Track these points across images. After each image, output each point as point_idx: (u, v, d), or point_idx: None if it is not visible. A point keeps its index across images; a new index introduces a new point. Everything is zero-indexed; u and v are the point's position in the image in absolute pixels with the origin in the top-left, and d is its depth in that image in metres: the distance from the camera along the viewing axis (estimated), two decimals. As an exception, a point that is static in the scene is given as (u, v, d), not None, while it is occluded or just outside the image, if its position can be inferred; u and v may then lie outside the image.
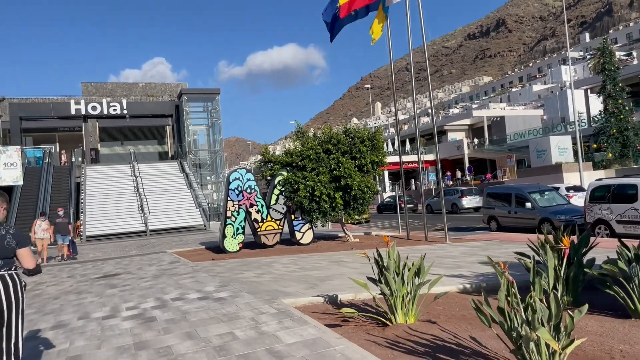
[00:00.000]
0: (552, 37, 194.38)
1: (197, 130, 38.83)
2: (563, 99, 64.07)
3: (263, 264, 11.23)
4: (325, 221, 15.74)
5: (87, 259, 16.60)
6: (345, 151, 15.57)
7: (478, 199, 32.16)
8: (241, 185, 15.48)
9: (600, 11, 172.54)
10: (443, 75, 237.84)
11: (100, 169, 34.80)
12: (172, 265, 12.65)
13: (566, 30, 33.55)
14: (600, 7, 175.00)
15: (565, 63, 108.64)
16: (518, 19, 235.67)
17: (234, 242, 15.29)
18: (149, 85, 47.23)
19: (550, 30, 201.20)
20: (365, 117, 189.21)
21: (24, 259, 3.95)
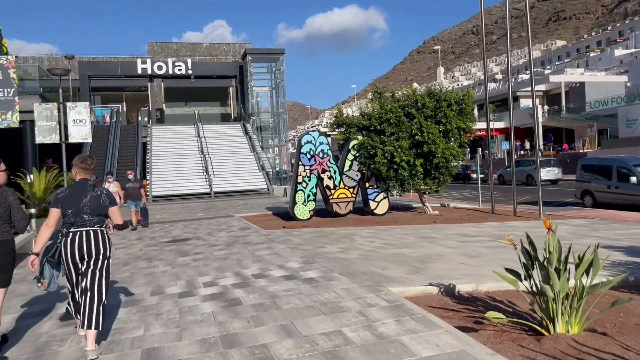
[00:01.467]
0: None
1: (260, 92, 38.03)
2: (652, 64, 58.50)
3: (342, 237, 10.20)
4: (403, 190, 14.48)
5: (155, 220, 16.23)
6: (428, 115, 14.11)
7: (556, 170, 29.76)
8: (313, 149, 14.42)
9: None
10: (512, 39, 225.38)
11: (166, 129, 34.84)
12: (244, 232, 11.88)
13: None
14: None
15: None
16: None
17: (304, 209, 14.36)
18: (212, 45, 46.75)
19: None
20: (426, 83, 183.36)
21: (115, 216, 4.39)
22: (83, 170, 4.39)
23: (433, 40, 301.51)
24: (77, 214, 4.19)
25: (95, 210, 4.25)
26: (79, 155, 4.52)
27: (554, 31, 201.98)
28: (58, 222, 4.26)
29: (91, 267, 4.18)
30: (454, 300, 5.20)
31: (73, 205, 4.20)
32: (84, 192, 4.27)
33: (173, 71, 36.78)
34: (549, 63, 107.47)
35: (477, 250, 8.04)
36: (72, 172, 4.46)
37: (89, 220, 4.22)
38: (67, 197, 4.24)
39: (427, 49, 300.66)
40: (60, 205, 4.21)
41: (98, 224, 4.28)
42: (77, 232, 4.19)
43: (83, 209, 4.21)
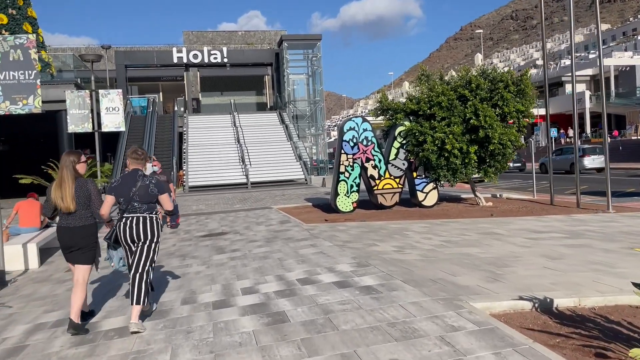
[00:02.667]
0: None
1: (296, 80, 37.11)
2: None
3: (393, 232, 9.16)
4: (455, 180, 13.30)
5: (191, 211, 15.57)
6: (484, 97, 12.85)
7: (602, 158, 27.74)
8: (356, 136, 13.38)
9: None
10: (553, 24, 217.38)
11: (202, 118, 34.40)
12: (283, 225, 10.99)
13: None
14: None
15: None
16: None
17: (347, 201, 13.37)
18: (247, 33, 46.07)
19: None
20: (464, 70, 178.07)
21: (164, 203, 4.74)
22: (135, 160, 4.78)
23: (470, 26, 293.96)
24: (128, 201, 4.60)
25: (144, 198, 4.61)
26: (131, 147, 4.94)
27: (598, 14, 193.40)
28: None
29: (139, 249, 4.59)
30: (555, 319, 4.12)
31: (124, 194, 4.60)
32: (133, 182, 4.63)
33: (209, 60, 36.29)
34: (593, 47, 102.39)
35: (556, 250, 6.88)
36: (127, 163, 4.82)
37: (139, 208, 4.61)
38: (120, 186, 4.65)
39: (464, 35, 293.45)
40: (114, 193, 4.64)
41: (148, 211, 4.66)
42: (129, 217, 4.62)
43: (133, 197, 4.59)
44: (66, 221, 4.67)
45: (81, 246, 4.67)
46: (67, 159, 4.73)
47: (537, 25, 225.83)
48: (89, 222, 4.72)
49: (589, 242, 7.52)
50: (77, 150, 5.06)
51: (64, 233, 4.67)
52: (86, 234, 4.69)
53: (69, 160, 4.72)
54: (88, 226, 4.71)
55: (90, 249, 4.73)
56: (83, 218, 4.68)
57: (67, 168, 4.67)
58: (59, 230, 4.72)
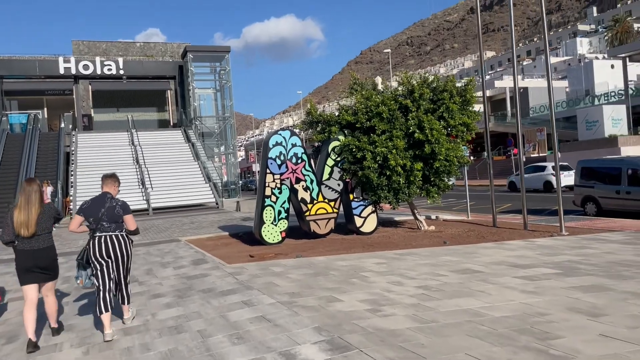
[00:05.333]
0: (557, 11, 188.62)
1: (203, 95, 34.26)
2: (588, 70, 59.84)
3: (347, 274, 7.09)
4: (397, 202, 11.60)
5: (75, 248, 12.44)
6: (427, 109, 11.33)
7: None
8: (284, 152, 11.27)
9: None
10: (445, 50, 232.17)
11: (94, 136, 30.41)
12: (199, 267, 8.50)
13: None
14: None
15: (575, 36, 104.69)
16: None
17: (275, 230, 11.15)
18: (147, 45, 42.37)
19: (556, 4, 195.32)
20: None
21: (128, 223, 5.15)
22: (106, 184, 5.26)
23: (370, 50, 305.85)
24: (97, 221, 4.99)
25: (112, 218, 5.02)
26: (105, 173, 5.45)
27: (484, 42, 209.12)
28: None
29: (118, 265, 5.09)
30: None
31: (93, 214, 5.00)
32: (102, 203, 5.05)
33: (102, 71, 32.46)
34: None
35: (579, 299, 5.19)
36: (102, 185, 5.27)
37: (108, 227, 5.01)
38: (89, 208, 5.05)
39: (364, 59, 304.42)
40: (83, 214, 5.04)
41: (117, 230, 5.08)
42: (101, 236, 5.00)
43: (102, 217, 4.99)
44: (29, 244, 4.86)
45: (47, 266, 4.96)
46: (33, 186, 4.99)
47: (431, 51, 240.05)
48: (51, 244, 5.06)
49: (600, 281, 5.96)
50: (35, 178, 5.48)
51: (31, 256, 4.85)
52: (52, 253, 5.05)
53: (36, 186, 5.01)
54: (51, 247, 5.05)
55: (56, 267, 5.12)
56: (46, 240, 4.97)
57: (36, 193, 4.95)
58: (21, 253, 4.86)
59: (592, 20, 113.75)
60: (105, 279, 4.98)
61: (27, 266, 4.85)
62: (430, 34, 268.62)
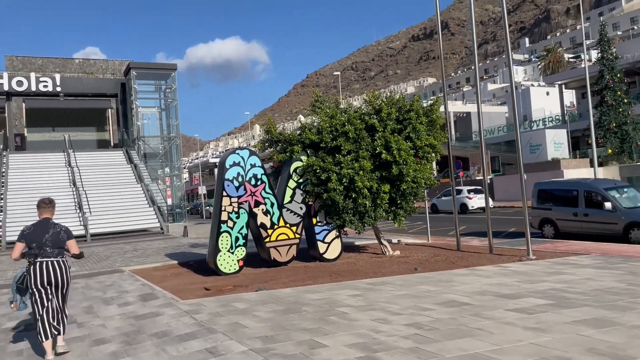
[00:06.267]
0: (493, 41, 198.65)
1: (147, 114, 32.73)
2: (526, 96, 62.75)
3: (322, 310, 6.30)
4: (363, 226, 10.96)
5: (3, 281, 10.92)
6: (394, 129, 10.85)
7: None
8: (242, 173, 10.42)
9: (539, 17, 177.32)
10: (388, 76, 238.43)
11: (27, 157, 28.19)
12: (148, 304, 7.44)
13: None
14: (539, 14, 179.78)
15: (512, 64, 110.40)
16: (460, 23, 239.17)
17: (232, 258, 10.20)
18: (86, 62, 40.29)
19: (491, 35, 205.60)
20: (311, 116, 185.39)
21: (72, 247, 5.26)
22: (43, 209, 5.25)
23: (316, 74, 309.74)
24: (40, 247, 4.98)
25: (56, 244, 5.08)
26: (40, 199, 5.40)
27: (425, 69, 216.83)
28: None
29: (57, 291, 5.09)
30: None
31: (37, 240, 5.00)
32: (46, 229, 5.08)
33: (37, 88, 30.37)
34: (424, 97, 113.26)
35: (592, 337, 4.67)
36: (38, 213, 5.26)
37: (51, 252, 5.03)
38: (32, 233, 5.05)
39: (310, 82, 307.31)
40: (25, 240, 5.03)
41: (60, 255, 5.12)
42: (44, 261, 4.99)
43: (45, 243, 5.00)
44: None
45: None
46: None
47: (375, 77, 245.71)
48: None
49: (601, 314, 5.50)
50: None
51: None
52: None
53: None
54: None
55: None
56: None
57: None
58: None
59: (525, 50, 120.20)
60: (45, 305, 5.04)
61: None
62: (374, 60, 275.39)
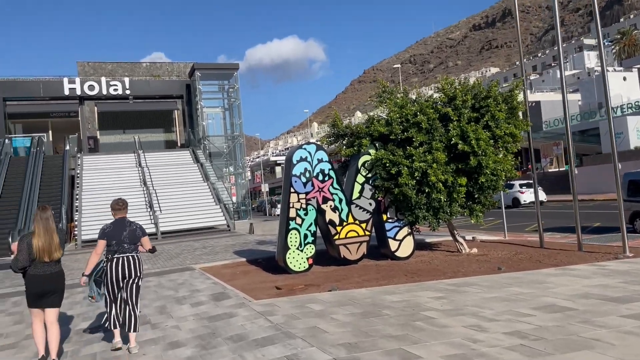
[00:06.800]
0: (561, 26, 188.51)
1: (211, 114, 33.29)
2: (600, 83, 58.59)
3: (405, 314, 5.81)
4: (438, 223, 10.33)
5: (75, 280, 11.18)
6: (470, 118, 10.13)
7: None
8: (309, 169, 10.07)
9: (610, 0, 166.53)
10: (448, 67, 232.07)
11: (99, 158, 29.38)
12: (220, 304, 7.23)
13: None
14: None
15: (581, 50, 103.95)
16: (524, 9, 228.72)
17: (301, 256, 9.90)
18: (153, 65, 41.65)
19: (559, 20, 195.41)
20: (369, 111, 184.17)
21: (146, 244, 5.68)
22: (118, 210, 5.67)
23: (373, 69, 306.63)
24: (119, 243, 5.42)
25: (132, 240, 5.51)
26: (113, 200, 5.83)
27: (488, 59, 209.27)
28: None
29: (131, 285, 5.45)
30: None
31: (116, 237, 5.42)
32: (123, 227, 5.52)
33: (108, 91, 31.58)
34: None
35: None
36: (112, 214, 5.67)
37: (128, 248, 5.46)
38: (112, 232, 5.46)
39: (367, 78, 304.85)
40: (106, 238, 5.42)
41: (135, 251, 5.55)
42: (120, 257, 5.41)
43: (123, 240, 5.44)
44: (42, 269, 5.08)
45: (57, 290, 5.19)
46: (48, 212, 5.27)
47: (434, 69, 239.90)
48: (61, 269, 5.33)
49: None
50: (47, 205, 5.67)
51: (45, 280, 5.06)
52: (63, 278, 5.30)
53: (50, 212, 5.30)
54: (62, 271, 5.34)
55: (62, 293, 5.31)
56: (59, 265, 5.27)
57: (52, 219, 5.26)
58: (34, 278, 5.05)
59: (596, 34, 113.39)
60: (118, 297, 5.44)
61: (37, 291, 5.06)
62: (433, 52, 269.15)
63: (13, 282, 11.14)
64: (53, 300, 5.13)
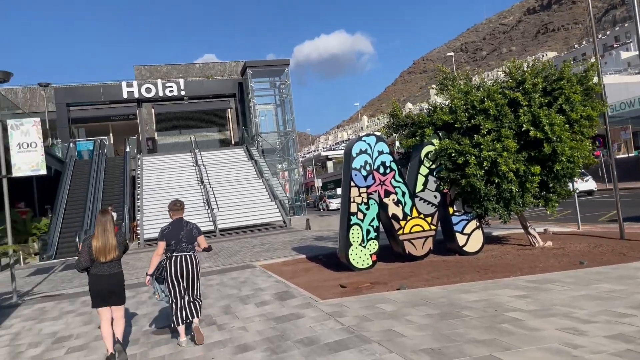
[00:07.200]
0: (621, 5, 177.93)
1: (263, 110, 33.43)
2: (671, 63, 54.82)
3: (488, 314, 5.35)
4: (509, 215, 9.71)
5: (140, 279, 11.31)
6: (542, 102, 9.42)
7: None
8: (370, 161, 9.69)
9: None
10: (502, 54, 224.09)
11: (158, 158, 30.12)
12: (286, 304, 7.00)
13: None
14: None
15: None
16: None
17: (364, 253, 9.55)
18: (206, 65, 42.46)
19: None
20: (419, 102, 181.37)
21: (202, 242, 5.89)
22: (175, 211, 5.91)
23: (423, 60, 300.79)
24: (178, 243, 5.66)
25: (189, 240, 5.74)
26: (171, 201, 6.12)
27: (544, 43, 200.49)
28: None
29: (190, 281, 5.69)
30: None
31: (175, 237, 5.66)
32: (181, 227, 5.74)
33: (164, 93, 32.30)
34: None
35: None
36: (170, 214, 5.92)
37: (186, 247, 5.70)
38: (170, 232, 5.70)
39: (417, 69, 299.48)
40: (165, 239, 5.67)
41: (192, 250, 5.78)
42: (179, 256, 5.66)
43: (181, 239, 5.68)
44: (102, 270, 5.36)
45: (119, 289, 5.46)
46: (107, 216, 5.53)
47: (487, 56, 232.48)
48: (121, 269, 5.55)
49: None
50: (107, 209, 6.08)
51: (105, 280, 5.35)
52: (122, 278, 5.54)
53: (109, 216, 5.56)
54: (122, 272, 5.57)
55: (124, 291, 5.56)
56: (118, 265, 5.50)
57: (110, 222, 5.48)
58: (98, 278, 5.33)
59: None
60: (180, 294, 5.66)
61: (99, 289, 5.32)
62: (485, 39, 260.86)
63: (81, 282, 11.41)
64: (115, 299, 5.43)
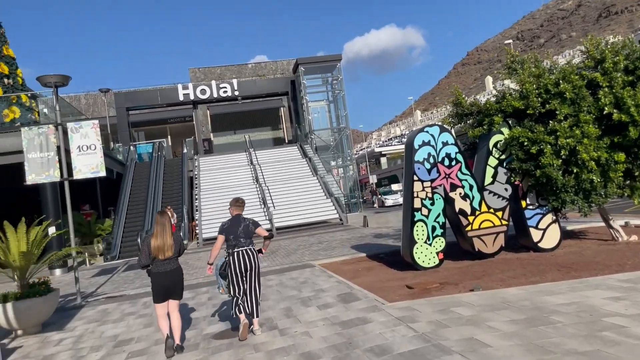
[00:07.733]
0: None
1: (316, 108, 33.15)
2: None
3: (584, 320, 4.71)
4: (590, 207, 8.85)
5: (202, 277, 11.21)
6: (625, 82, 8.52)
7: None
8: (434, 153, 9.09)
9: None
10: (562, 40, 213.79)
11: (214, 158, 30.47)
12: (350, 307, 6.57)
13: None
14: None
15: None
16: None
17: (429, 251, 8.97)
18: (258, 65, 42.72)
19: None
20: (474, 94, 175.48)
21: (261, 232, 6.14)
22: (237, 207, 6.20)
23: (477, 51, 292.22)
24: (236, 238, 5.95)
25: (247, 235, 6.01)
26: (233, 198, 6.36)
27: (606, 27, 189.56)
28: None
29: (250, 275, 5.98)
30: None
31: (233, 233, 5.96)
32: (239, 223, 6.04)
33: (218, 94, 32.63)
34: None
35: None
36: (230, 210, 6.20)
37: (244, 242, 5.98)
38: (229, 228, 6.01)
39: (471, 60, 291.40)
40: (225, 233, 5.99)
41: (250, 245, 6.05)
42: (239, 251, 5.96)
43: (239, 235, 5.96)
44: (162, 267, 5.73)
45: (178, 285, 5.83)
46: (165, 217, 5.85)
47: (545, 44, 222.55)
48: (179, 266, 5.89)
49: None
50: (165, 210, 6.74)
51: (165, 277, 5.71)
52: (181, 274, 5.92)
53: (167, 217, 5.87)
54: (180, 268, 5.92)
55: (182, 287, 5.92)
56: (176, 262, 5.87)
57: (168, 223, 5.83)
58: (159, 275, 5.71)
59: None
60: (241, 287, 5.95)
61: (159, 286, 5.68)
62: (542, 26, 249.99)
63: (142, 283, 11.46)
64: (174, 293, 5.80)
